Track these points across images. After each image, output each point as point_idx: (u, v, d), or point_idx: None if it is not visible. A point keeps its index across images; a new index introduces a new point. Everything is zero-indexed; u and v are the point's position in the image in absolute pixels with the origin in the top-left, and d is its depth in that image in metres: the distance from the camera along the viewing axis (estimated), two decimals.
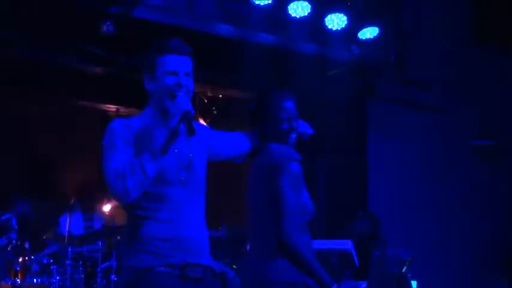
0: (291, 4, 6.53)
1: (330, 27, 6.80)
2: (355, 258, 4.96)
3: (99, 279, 6.31)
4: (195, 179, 3.14)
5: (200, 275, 3.06)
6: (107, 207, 7.70)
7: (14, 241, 6.21)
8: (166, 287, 2.97)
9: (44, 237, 6.92)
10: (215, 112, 2.96)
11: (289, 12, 6.58)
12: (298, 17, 6.62)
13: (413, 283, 4.19)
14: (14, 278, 5.90)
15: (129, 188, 2.89)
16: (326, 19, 6.76)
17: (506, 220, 7.53)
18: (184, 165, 3.11)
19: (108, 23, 6.46)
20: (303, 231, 3.39)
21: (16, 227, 6.21)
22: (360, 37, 7.05)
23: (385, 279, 2.19)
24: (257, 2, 6.44)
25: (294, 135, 3.55)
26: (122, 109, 9.03)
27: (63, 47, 6.95)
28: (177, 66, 3.10)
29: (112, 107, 8.79)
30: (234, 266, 6.05)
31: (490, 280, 7.47)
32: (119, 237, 6.54)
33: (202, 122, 7.09)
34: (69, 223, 6.91)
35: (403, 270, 2.26)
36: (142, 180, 2.92)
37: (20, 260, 6.09)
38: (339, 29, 6.82)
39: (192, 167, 3.14)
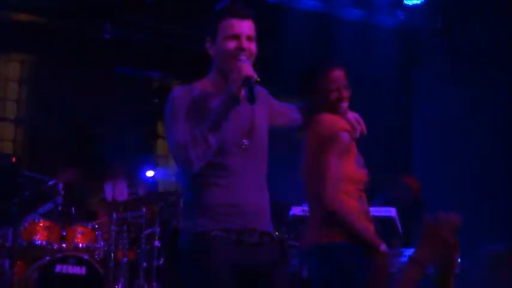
0: None
1: None
2: (399, 225, 4.90)
3: (143, 245, 6.35)
4: (257, 146, 3.10)
5: (257, 240, 3.03)
6: (150, 174, 7.76)
7: (60, 206, 6.28)
8: (223, 251, 2.95)
9: (91, 204, 7.02)
10: (259, 79, 2.93)
11: None
12: None
13: None
14: (60, 242, 5.95)
15: (192, 160, 2.88)
16: None
17: None
18: (246, 132, 3.07)
19: None
20: (352, 197, 3.37)
21: (62, 192, 6.26)
22: (406, 2, 6.89)
23: (437, 244, 2.12)
24: None
25: (344, 104, 3.48)
26: (165, 77, 9.04)
27: (109, 17, 6.95)
28: (238, 30, 3.01)
29: (156, 75, 8.79)
30: (277, 232, 6.01)
31: None
32: (161, 205, 6.59)
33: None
34: (113, 190, 6.96)
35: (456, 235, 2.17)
36: (206, 150, 2.89)
37: (66, 224, 6.16)
38: None
39: (254, 133, 3.09)
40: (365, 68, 7.27)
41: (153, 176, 7.87)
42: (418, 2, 6.88)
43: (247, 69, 2.92)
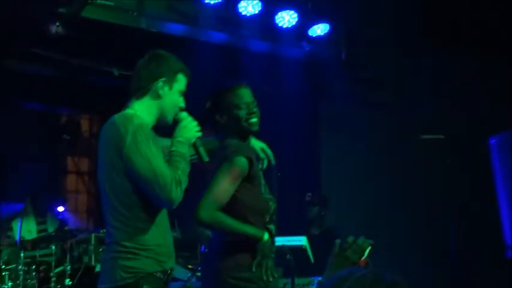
0: (241, 2, 6.41)
1: (280, 24, 6.72)
2: (310, 254, 4.90)
3: (53, 284, 6.14)
4: None
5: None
6: (60, 209, 7.56)
7: None
8: None
9: None
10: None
11: (240, 10, 6.47)
12: (248, 14, 6.51)
13: None
14: None
15: (180, 196, 2.96)
16: (276, 16, 6.67)
17: (450, 215, 7.55)
18: None
19: (57, 24, 6.29)
20: (258, 224, 3.32)
21: None
22: (311, 34, 6.98)
23: (344, 266, 2.11)
24: (207, 1, 6.31)
25: (254, 119, 3.42)
26: (73, 112, 8.90)
27: (13, 51, 6.77)
28: (184, 90, 3.24)
29: (64, 110, 8.66)
30: (190, 266, 5.93)
31: (436, 273, 7.46)
32: (72, 241, 6.42)
33: None
34: (21, 227, 6.72)
35: (363, 257, 2.17)
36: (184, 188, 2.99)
37: None
38: (289, 26, 6.75)
39: None
40: (273, 98, 7.32)
41: (63, 212, 7.67)
42: (322, 34, 6.98)
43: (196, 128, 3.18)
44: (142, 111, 3.10)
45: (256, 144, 3.59)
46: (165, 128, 3.27)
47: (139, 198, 2.98)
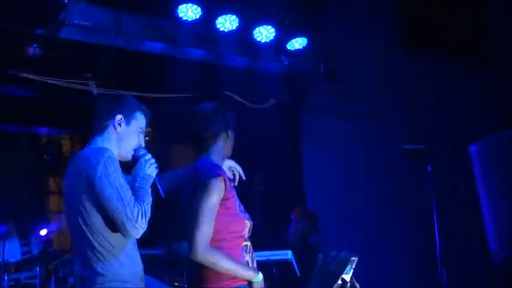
0: (219, 18, 6.42)
1: (258, 39, 6.74)
2: (296, 267, 4.89)
3: None
4: None
5: None
6: (43, 232, 7.51)
7: None
8: None
9: None
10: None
11: (218, 26, 6.48)
12: (226, 30, 6.52)
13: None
14: None
15: (145, 226, 3.05)
16: (254, 32, 6.69)
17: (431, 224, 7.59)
18: None
19: (35, 46, 6.26)
20: (232, 248, 3.33)
21: None
22: (289, 48, 7.00)
23: (327, 279, 2.13)
24: (184, 18, 6.31)
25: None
26: (53, 132, 8.84)
27: None
28: (144, 129, 3.36)
29: (43, 130, 8.61)
30: (176, 284, 5.91)
31: (419, 281, 7.48)
32: (56, 262, 6.37)
33: None
34: (3, 250, 6.66)
35: (346, 270, 2.19)
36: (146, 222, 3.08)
37: None
38: (267, 41, 6.77)
39: None
40: (254, 112, 7.32)
41: (47, 233, 7.63)
42: (300, 47, 7.00)
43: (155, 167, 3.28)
44: (106, 146, 3.20)
45: (225, 163, 3.60)
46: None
47: (111, 227, 3.06)
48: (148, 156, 3.28)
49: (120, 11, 6.26)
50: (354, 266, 2.32)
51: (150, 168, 3.23)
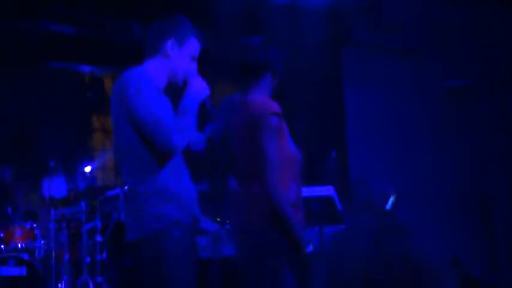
0: None
1: None
2: (338, 203, 4.89)
3: (84, 241, 6.23)
4: None
5: None
6: (88, 169, 7.62)
7: None
8: None
9: (28, 203, 6.86)
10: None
11: None
12: None
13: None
14: None
15: (182, 144, 3.01)
16: None
17: (481, 161, 7.47)
18: None
19: None
20: (292, 180, 3.28)
21: None
22: None
23: (370, 212, 2.12)
24: None
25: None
26: (96, 70, 8.90)
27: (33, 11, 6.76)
28: (198, 53, 3.26)
29: (85, 70, 8.68)
30: (218, 219, 5.96)
31: (467, 222, 7.44)
32: (101, 198, 6.49)
33: None
34: (51, 186, 6.80)
35: (389, 203, 2.19)
36: (184, 142, 3.03)
37: (3, 226, 5.99)
38: None
39: None
40: (297, 49, 7.24)
41: (91, 170, 7.74)
42: None
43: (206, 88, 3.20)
44: (152, 70, 3.14)
45: None
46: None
47: (147, 144, 3.01)
48: (199, 78, 3.20)
49: None
50: (393, 201, 2.30)
51: (199, 88, 3.17)
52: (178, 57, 3.19)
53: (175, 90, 3.20)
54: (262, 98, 3.33)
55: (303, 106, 7.64)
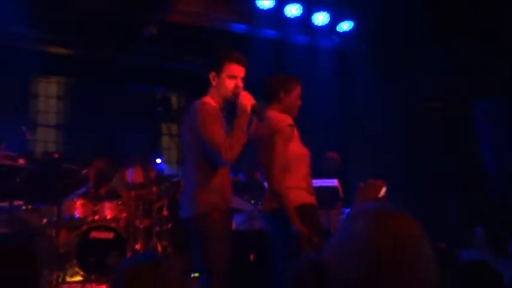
0: (287, 6, 6.31)
1: (316, 23, 6.60)
2: (340, 192, 4.87)
3: (154, 215, 6.26)
4: None
5: None
6: (158, 161, 7.68)
7: (92, 189, 6.17)
8: None
9: (115, 186, 6.91)
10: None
11: (286, 13, 6.38)
12: (292, 16, 6.41)
13: None
14: (93, 216, 5.85)
15: (233, 157, 2.98)
16: (313, 17, 6.56)
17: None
18: None
19: (150, 27, 6.32)
20: (298, 173, 3.30)
21: (93, 178, 6.15)
22: (339, 30, 6.84)
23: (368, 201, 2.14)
24: (261, 7, 6.23)
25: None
26: (165, 90, 8.96)
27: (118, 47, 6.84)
28: (238, 73, 3.17)
29: (156, 90, 8.75)
30: (252, 201, 5.96)
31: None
32: (167, 184, 6.51)
33: None
34: (132, 174, 6.85)
35: (380, 194, 2.19)
36: (237, 153, 3.00)
37: (97, 202, 6.05)
38: (323, 24, 6.62)
39: None
40: (312, 80, 7.20)
41: (160, 162, 7.80)
42: (348, 30, 6.83)
43: (251, 98, 3.11)
44: (208, 101, 3.17)
45: None
46: None
47: (206, 156, 3.06)
48: (244, 92, 3.14)
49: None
50: (385, 190, 2.30)
51: (245, 101, 3.10)
52: (220, 83, 3.18)
53: (233, 104, 3.18)
54: (277, 114, 3.38)
55: (318, 121, 7.63)
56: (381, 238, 1.30)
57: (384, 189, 2.27)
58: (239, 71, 3.17)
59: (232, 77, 3.16)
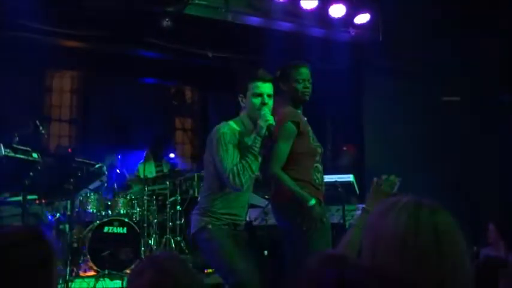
0: None
1: (332, 15, 6.55)
2: (356, 187, 4.85)
3: (168, 210, 6.29)
4: None
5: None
6: (172, 155, 7.71)
7: (105, 183, 6.21)
8: None
9: (128, 180, 6.95)
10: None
11: (302, 5, 6.33)
12: (308, 8, 6.36)
13: None
14: (107, 210, 5.89)
15: (243, 183, 3.05)
16: (330, 9, 6.50)
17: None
18: None
19: (167, 20, 6.31)
20: (306, 168, 3.32)
21: (106, 172, 6.18)
22: (356, 22, 6.78)
23: (380, 197, 2.13)
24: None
25: (306, 93, 3.44)
26: (179, 84, 8.98)
27: (136, 40, 6.84)
28: (262, 90, 3.16)
29: (170, 84, 8.77)
30: (267, 196, 5.96)
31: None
32: (181, 178, 6.54)
33: None
34: (144, 169, 6.90)
35: (394, 190, 2.19)
36: (251, 175, 3.08)
37: (111, 197, 6.09)
38: (339, 16, 6.57)
39: None
40: (327, 72, 7.15)
41: (174, 157, 7.83)
42: (364, 21, 6.77)
43: (268, 118, 3.13)
44: (235, 121, 3.26)
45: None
46: None
47: (220, 180, 3.17)
48: (263, 113, 3.17)
49: None
50: (398, 186, 2.29)
51: (262, 121, 3.14)
52: (248, 103, 3.22)
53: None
54: (287, 109, 3.42)
55: (332, 115, 7.59)
56: (423, 232, 1.29)
57: (397, 185, 2.26)
58: (263, 87, 3.18)
59: (257, 94, 3.18)
